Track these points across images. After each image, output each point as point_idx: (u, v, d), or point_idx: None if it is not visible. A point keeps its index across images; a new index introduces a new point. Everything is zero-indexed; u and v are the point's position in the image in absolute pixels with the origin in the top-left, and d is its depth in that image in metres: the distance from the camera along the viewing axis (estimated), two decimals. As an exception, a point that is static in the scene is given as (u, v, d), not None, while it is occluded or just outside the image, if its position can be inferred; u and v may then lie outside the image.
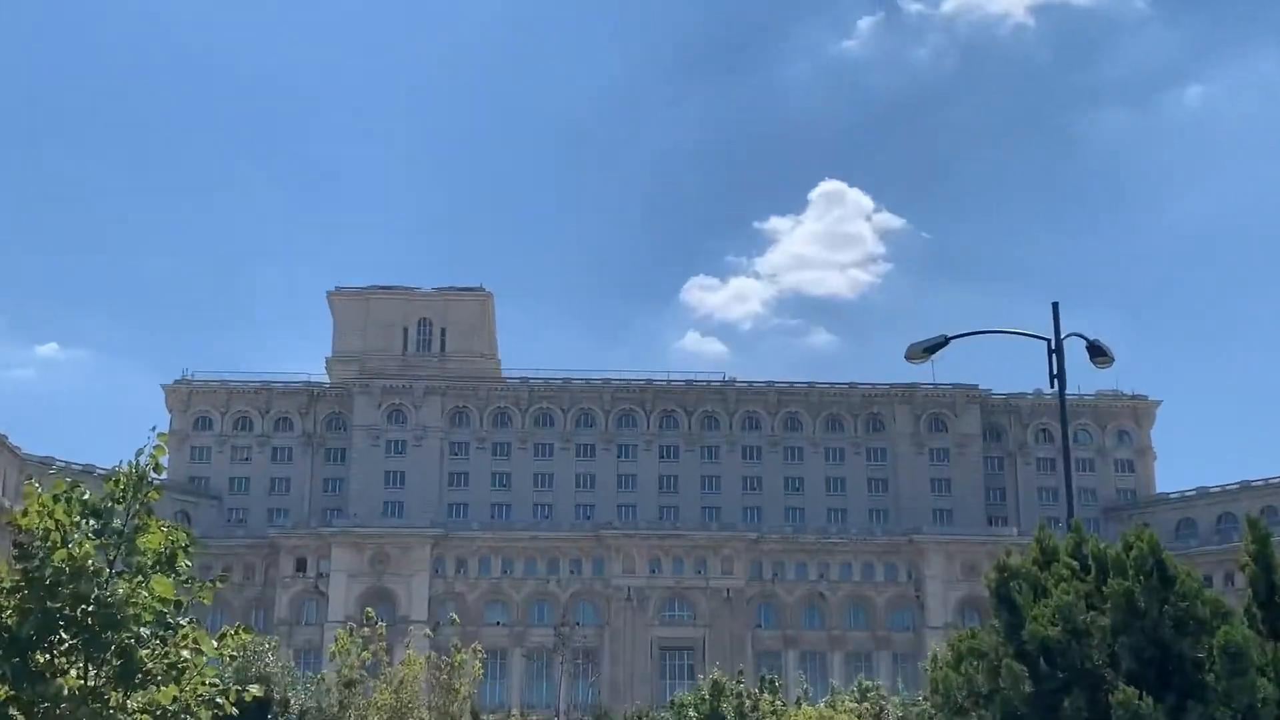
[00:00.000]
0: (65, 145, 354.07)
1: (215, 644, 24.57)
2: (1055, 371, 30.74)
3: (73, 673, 22.25)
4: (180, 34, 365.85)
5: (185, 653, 23.49)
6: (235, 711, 25.34)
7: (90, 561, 22.64)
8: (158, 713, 22.68)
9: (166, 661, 23.12)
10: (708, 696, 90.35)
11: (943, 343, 32.86)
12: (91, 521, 23.28)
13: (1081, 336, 31.69)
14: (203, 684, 23.74)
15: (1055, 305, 31.45)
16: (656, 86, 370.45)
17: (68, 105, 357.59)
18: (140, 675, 22.67)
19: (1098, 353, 31.88)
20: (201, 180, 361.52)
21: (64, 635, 22.32)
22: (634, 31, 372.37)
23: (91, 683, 22.34)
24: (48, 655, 22.24)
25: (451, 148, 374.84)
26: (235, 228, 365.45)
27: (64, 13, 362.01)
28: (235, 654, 27.24)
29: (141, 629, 22.65)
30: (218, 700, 24.04)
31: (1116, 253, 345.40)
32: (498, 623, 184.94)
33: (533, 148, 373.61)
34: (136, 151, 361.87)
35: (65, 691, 22.11)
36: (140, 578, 22.91)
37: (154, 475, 23.66)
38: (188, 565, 23.92)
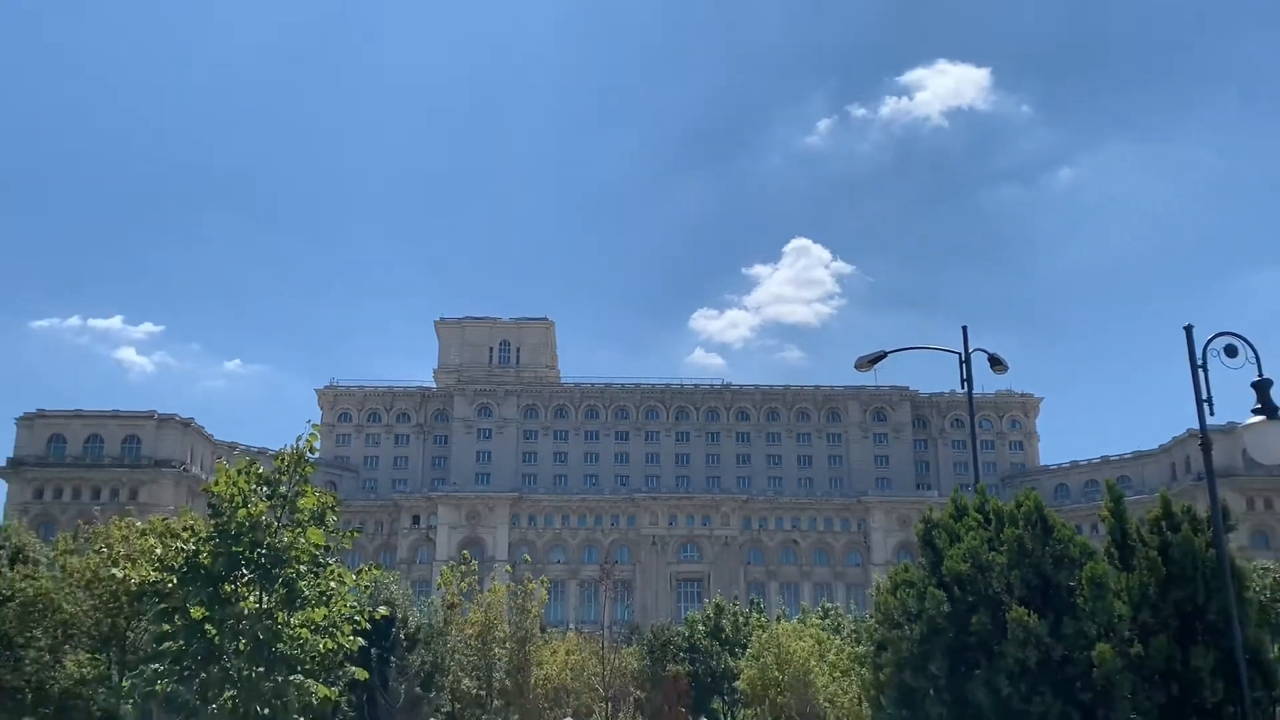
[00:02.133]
0: (226, 207, 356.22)
1: (354, 577, 24.74)
2: (965, 376, 30.55)
3: (250, 598, 22.46)
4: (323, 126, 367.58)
5: (332, 584, 23.67)
6: (369, 626, 25.46)
7: (263, 518, 22.89)
8: (312, 628, 22.88)
9: (319, 590, 23.31)
10: (712, 615, 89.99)
11: (882, 356, 32.73)
12: (264, 489, 23.53)
13: (984, 351, 31.49)
14: (345, 606, 23.94)
15: (965, 329, 31.25)
16: (667, 170, 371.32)
17: (225, 176, 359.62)
18: (300, 600, 22.86)
19: (996, 363, 31.70)
20: (335, 237, 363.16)
21: (244, 571, 22.55)
22: (648, 131, 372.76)
23: (264, 606, 22.55)
24: (232, 586, 22.46)
25: (522, 216, 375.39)
26: (365, 274, 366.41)
27: (230, 85, 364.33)
28: (368, 585, 27.32)
29: (300, 566, 22.87)
30: (356, 618, 24.23)
31: (1011, 291, 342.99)
32: (559, 561, 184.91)
33: (578, 216, 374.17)
34: (283, 211, 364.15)
35: (245, 612, 22.33)
36: (299, 529, 23.14)
37: (310, 455, 23.91)
38: (334, 520, 24.14)
